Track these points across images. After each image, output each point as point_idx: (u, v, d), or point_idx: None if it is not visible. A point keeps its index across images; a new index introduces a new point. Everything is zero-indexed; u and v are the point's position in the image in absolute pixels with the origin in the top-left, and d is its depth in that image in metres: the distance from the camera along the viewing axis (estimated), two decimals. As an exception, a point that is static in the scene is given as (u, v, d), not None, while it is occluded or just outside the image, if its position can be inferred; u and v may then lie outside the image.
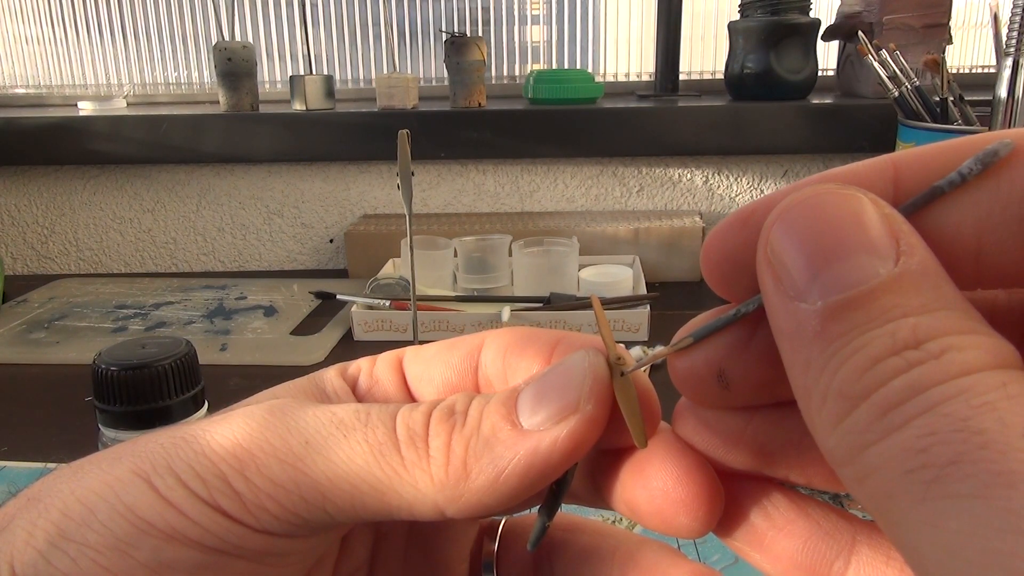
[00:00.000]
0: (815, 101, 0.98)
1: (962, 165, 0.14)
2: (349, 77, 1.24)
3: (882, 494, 0.12)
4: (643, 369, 0.19)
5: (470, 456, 0.17)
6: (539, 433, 0.17)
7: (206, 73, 1.25)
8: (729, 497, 0.18)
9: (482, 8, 1.20)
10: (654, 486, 0.18)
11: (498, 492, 0.17)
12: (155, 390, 0.38)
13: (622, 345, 0.19)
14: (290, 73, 1.14)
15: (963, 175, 0.14)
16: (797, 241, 0.14)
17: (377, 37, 1.21)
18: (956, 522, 0.11)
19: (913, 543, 0.12)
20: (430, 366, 0.21)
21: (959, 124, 0.77)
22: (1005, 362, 0.12)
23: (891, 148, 0.84)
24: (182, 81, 1.25)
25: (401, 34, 1.22)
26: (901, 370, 0.12)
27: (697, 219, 0.94)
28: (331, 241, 1.06)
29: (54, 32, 1.23)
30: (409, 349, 0.22)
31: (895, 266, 0.13)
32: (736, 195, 1.03)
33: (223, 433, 0.18)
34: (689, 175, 1.02)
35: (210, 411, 0.41)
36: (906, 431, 0.12)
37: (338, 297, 0.83)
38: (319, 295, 0.86)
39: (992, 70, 0.69)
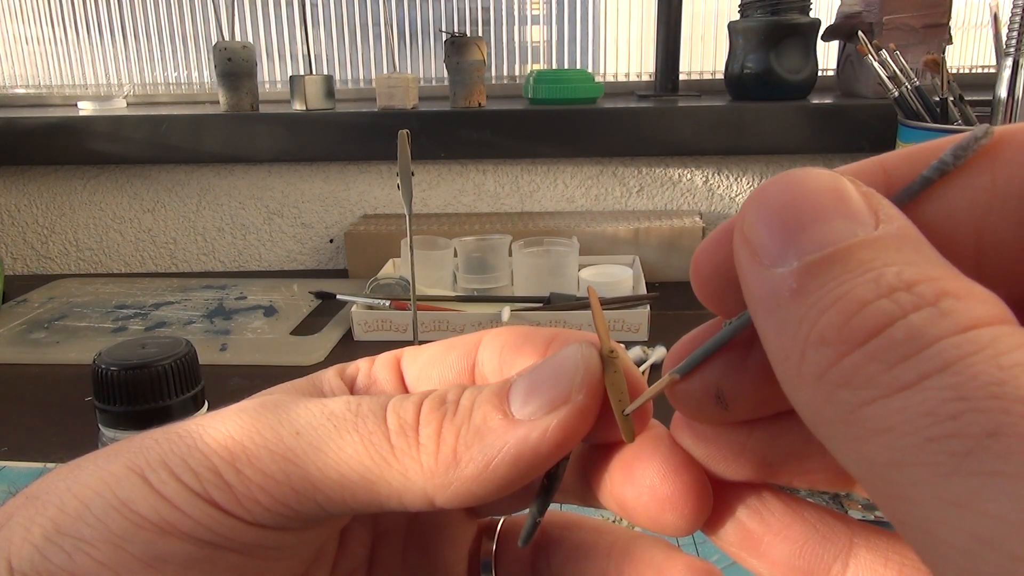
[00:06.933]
0: (815, 101, 0.98)
1: (944, 152, 0.13)
2: (349, 77, 1.24)
3: (886, 460, 0.11)
4: (643, 371, 0.19)
5: (460, 444, 0.17)
6: (530, 423, 0.17)
7: (206, 73, 1.25)
8: (723, 502, 0.18)
9: (482, 8, 1.20)
10: (641, 483, 0.18)
11: (488, 481, 0.17)
12: (155, 390, 0.38)
13: (621, 345, 0.19)
14: (290, 73, 1.14)
15: (945, 162, 0.13)
16: (772, 214, 0.13)
17: (377, 37, 1.21)
18: (997, 505, 0.10)
19: (928, 523, 0.10)
20: (428, 366, 0.21)
21: (959, 124, 0.77)
22: (1009, 317, 0.11)
23: (891, 148, 0.83)
24: (182, 81, 1.25)
25: (401, 34, 1.22)
26: (896, 315, 0.11)
27: (697, 219, 0.94)
28: (331, 241, 1.06)
29: (54, 32, 1.23)
30: (407, 349, 0.22)
31: (875, 230, 0.12)
32: (736, 195, 1.03)
33: (216, 427, 0.18)
34: (689, 175, 1.02)
35: (210, 411, 0.41)
36: (924, 391, 0.11)
37: (338, 297, 0.83)
38: (319, 295, 0.86)
39: (992, 70, 0.69)
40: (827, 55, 1.10)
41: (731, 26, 1.00)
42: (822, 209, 0.13)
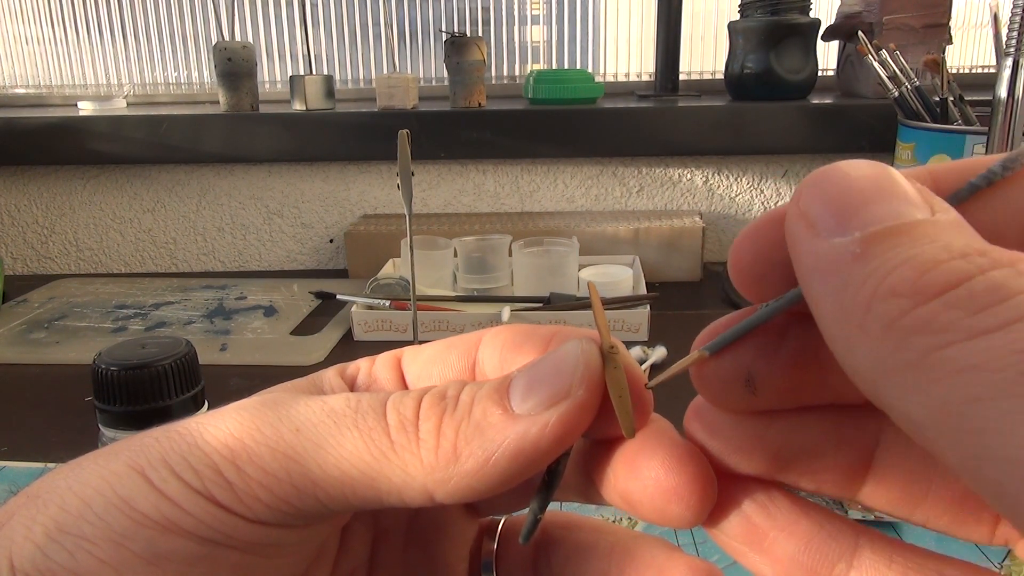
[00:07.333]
0: (815, 101, 0.98)
1: (994, 163, 0.14)
2: (349, 77, 1.24)
3: (965, 397, 0.11)
4: (643, 370, 0.19)
5: (460, 439, 0.17)
6: (530, 418, 0.17)
7: (206, 73, 1.25)
8: (730, 496, 0.18)
9: (482, 8, 1.20)
10: (645, 475, 0.18)
11: (487, 476, 0.17)
12: (155, 390, 0.38)
13: (621, 342, 0.19)
14: (290, 73, 1.14)
15: (994, 171, 0.14)
16: (832, 192, 0.14)
17: (377, 37, 1.22)
18: None
19: (1018, 452, 0.11)
20: (429, 365, 0.21)
21: (959, 124, 0.77)
22: None
23: (891, 148, 0.84)
24: (182, 81, 1.25)
25: (401, 34, 1.22)
26: (973, 272, 0.12)
27: (697, 219, 0.94)
28: (331, 241, 1.06)
29: (54, 32, 1.23)
30: (408, 349, 0.22)
31: (931, 216, 0.13)
32: (736, 195, 1.03)
33: (216, 425, 0.18)
34: (689, 175, 1.02)
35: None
36: (1012, 333, 0.11)
37: (338, 297, 0.83)
38: (319, 295, 0.86)
39: (992, 70, 0.69)
40: (827, 55, 1.10)
41: (731, 26, 1.00)
42: (881, 191, 0.13)
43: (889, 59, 0.77)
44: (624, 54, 1.22)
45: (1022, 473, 0.11)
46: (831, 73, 1.11)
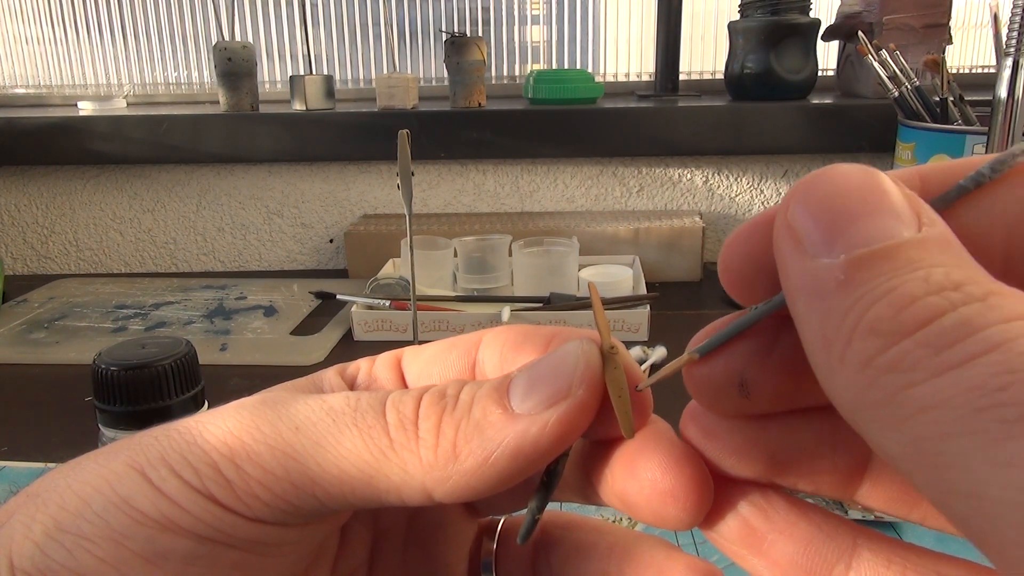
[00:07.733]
0: (815, 101, 0.98)
1: (982, 165, 0.14)
2: (349, 77, 1.24)
3: (933, 434, 0.11)
4: (643, 370, 0.19)
5: (460, 438, 0.17)
6: (529, 417, 0.17)
7: (206, 73, 1.25)
8: (727, 500, 0.18)
9: (482, 8, 1.20)
10: (643, 477, 0.18)
11: (486, 475, 0.17)
12: (155, 390, 0.38)
13: (621, 342, 0.19)
14: (290, 73, 1.14)
15: (982, 174, 0.14)
16: (819, 205, 0.14)
17: (377, 37, 1.22)
18: None
19: (978, 486, 0.11)
20: (429, 365, 0.21)
21: (959, 124, 0.77)
22: None
23: (891, 148, 0.84)
24: (182, 81, 1.25)
25: (401, 34, 1.22)
26: (946, 309, 0.12)
27: (697, 219, 0.94)
28: (331, 241, 1.06)
29: (54, 32, 1.23)
30: (408, 349, 0.22)
31: (918, 232, 0.13)
32: (736, 195, 1.03)
33: (216, 424, 0.18)
34: (689, 175, 1.02)
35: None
36: (973, 368, 0.11)
37: (338, 297, 0.83)
38: (319, 295, 0.86)
39: (992, 70, 0.69)
40: (827, 55, 1.10)
41: (731, 26, 1.00)
42: (868, 205, 0.13)
43: (889, 59, 0.78)
44: (624, 54, 1.22)
45: (983, 508, 0.11)
46: (831, 73, 1.11)
